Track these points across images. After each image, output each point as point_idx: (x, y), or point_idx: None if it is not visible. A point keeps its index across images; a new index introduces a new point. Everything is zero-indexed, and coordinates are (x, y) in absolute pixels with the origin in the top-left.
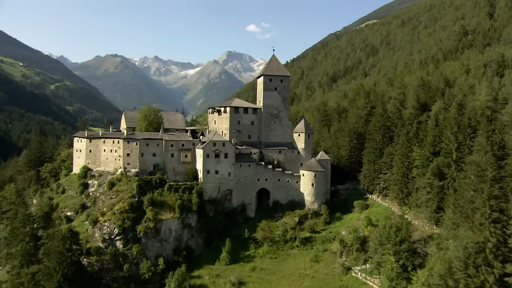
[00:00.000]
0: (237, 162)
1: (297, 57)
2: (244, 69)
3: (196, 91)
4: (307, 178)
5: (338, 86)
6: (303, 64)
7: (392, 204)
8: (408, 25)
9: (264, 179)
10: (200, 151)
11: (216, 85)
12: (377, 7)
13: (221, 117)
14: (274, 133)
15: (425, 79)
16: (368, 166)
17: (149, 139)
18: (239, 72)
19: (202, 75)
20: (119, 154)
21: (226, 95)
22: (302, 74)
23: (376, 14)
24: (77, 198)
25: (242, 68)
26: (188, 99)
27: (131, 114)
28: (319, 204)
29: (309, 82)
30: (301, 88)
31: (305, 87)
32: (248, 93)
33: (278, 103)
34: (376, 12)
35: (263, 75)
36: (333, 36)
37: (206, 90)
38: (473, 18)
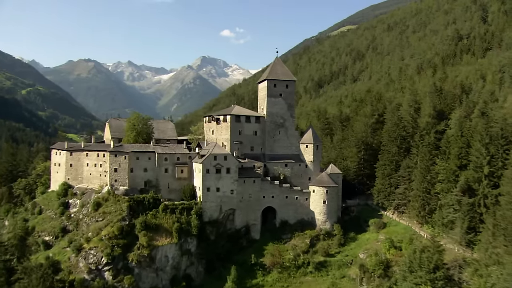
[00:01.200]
0: (240, 177)
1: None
2: (219, 74)
3: (170, 96)
4: (318, 195)
5: (325, 91)
6: None
7: (411, 222)
8: (395, 30)
9: (270, 197)
10: (199, 165)
11: (190, 90)
12: (352, 13)
13: (220, 126)
14: (279, 144)
15: (437, 85)
16: (383, 180)
17: (139, 152)
18: (214, 77)
19: (176, 80)
20: (105, 169)
21: (201, 101)
22: None
23: (351, 20)
24: (57, 220)
25: (217, 73)
26: (162, 105)
27: (117, 123)
28: (332, 224)
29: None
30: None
31: None
32: (229, 99)
33: (283, 110)
34: (352, 17)
35: (266, 80)
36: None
37: (180, 95)
38: (466, 22)
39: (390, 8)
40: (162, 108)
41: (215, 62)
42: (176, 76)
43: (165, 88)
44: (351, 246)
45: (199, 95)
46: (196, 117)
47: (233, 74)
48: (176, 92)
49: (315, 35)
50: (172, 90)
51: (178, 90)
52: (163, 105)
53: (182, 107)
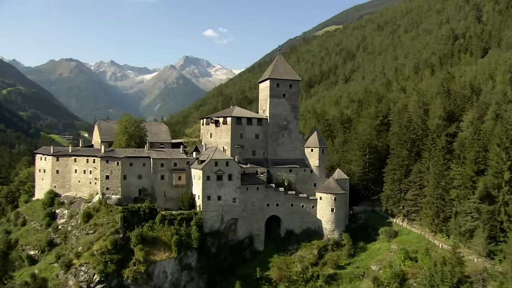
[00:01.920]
0: (243, 185)
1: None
2: (202, 74)
3: (153, 96)
4: (325, 202)
5: (317, 91)
6: None
7: (424, 230)
8: (386, 29)
9: (274, 205)
10: (199, 172)
11: (173, 90)
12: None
13: (220, 129)
14: (282, 148)
15: (445, 86)
16: (392, 186)
17: (133, 158)
18: (197, 77)
19: (159, 80)
20: (95, 177)
21: (184, 101)
22: None
23: (335, 20)
24: (43, 232)
25: (200, 73)
26: (144, 105)
27: (106, 125)
28: (340, 233)
29: None
30: None
31: None
32: (216, 99)
33: (287, 112)
34: (336, 17)
35: (269, 79)
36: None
37: (163, 95)
38: (460, 21)
39: (374, 8)
40: (145, 108)
41: (198, 62)
42: (159, 76)
43: (148, 88)
44: (361, 257)
45: (182, 95)
46: (183, 118)
47: (216, 74)
48: (159, 92)
49: (299, 35)
50: (155, 90)
51: (161, 90)
52: (146, 105)
53: (165, 107)
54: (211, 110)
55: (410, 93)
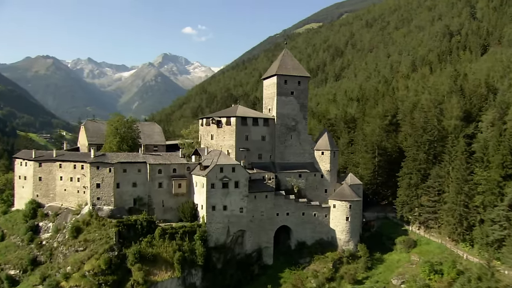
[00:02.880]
0: (250, 192)
1: (247, 59)
2: (180, 71)
3: (131, 94)
4: (339, 211)
5: (312, 89)
6: (259, 65)
7: (443, 239)
8: (375, 26)
9: (285, 214)
10: (202, 179)
11: (151, 88)
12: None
13: (222, 130)
14: (291, 150)
15: (458, 83)
16: (408, 191)
17: (127, 163)
18: (175, 75)
19: (137, 77)
20: (84, 185)
21: (162, 98)
22: (260, 76)
23: (315, 17)
24: (24, 249)
25: (178, 70)
26: (123, 102)
27: (94, 126)
28: (355, 243)
29: None
30: (261, 91)
31: None
32: (200, 97)
33: (295, 111)
34: (316, 15)
35: (276, 75)
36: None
37: (142, 93)
38: (453, 18)
39: (354, 6)
40: (123, 106)
41: (176, 60)
42: (137, 74)
43: (126, 85)
44: (379, 270)
45: (161, 93)
46: (166, 116)
47: (195, 71)
48: (137, 90)
49: (279, 33)
50: (133, 87)
51: (139, 88)
52: (124, 103)
53: (144, 105)
54: (195, 108)
55: (416, 92)
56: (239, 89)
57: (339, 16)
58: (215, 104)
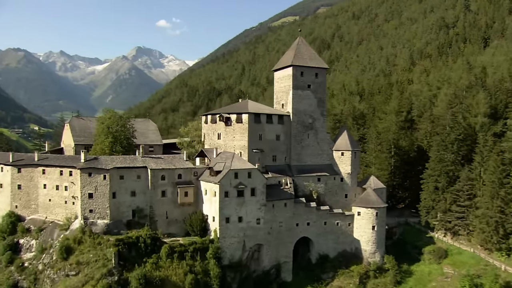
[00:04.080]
0: (268, 201)
1: (227, 51)
2: (154, 65)
3: (105, 87)
4: (365, 219)
5: None
6: (241, 58)
7: (475, 247)
8: (363, 18)
9: (305, 224)
10: (214, 186)
11: (125, 81)
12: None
13: (232, 129)
14: (308, 151)
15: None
16: (434, 195)
17: (125, 169)
18: (149, 68)
19: (110, 71)
20: (73, 194)
21: (137, 92)
22: (243, 69)
23: (291, 11)
24: (2, 272)
25: (152, 64)
26: (96, 96)
27: (81, 124)
28: (382, 255)
29: (253, 78)
30: (245, 84)
31: (250, 83)
32: (180, 90)
33: (312, 107)
34: (292, 8)
35: (292, 66)
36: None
37: (115, 86)
38: (447, 10)
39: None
40: (96, 100)
41: (150, 53)
42: (110, 67)
43: (100, 79)
44: (409, 284)
45: (135, 86)
46: (145, 110)
47: (169, 65)
48: (111, 83)
49: (255, 26)
50: (106, 81)
51: (113, 81)
52: (97, 97)
53: (118, 99)
54: (175, 102)
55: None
56: (221, 83)
57: (315, 9)
58: (197, 97)
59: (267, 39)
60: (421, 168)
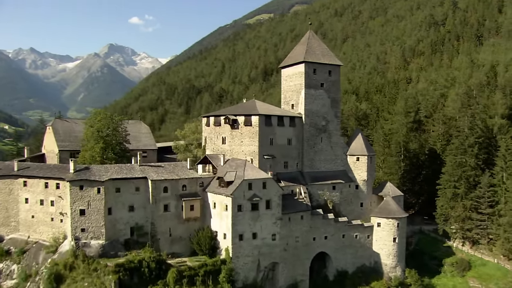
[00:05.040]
0: (284, 213)
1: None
2: (127, 62)
3: (76, 85)
4: (385, 230)
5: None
6: (220, 55)
7: (497, 258)
8: (346, 15)
9: (322, 237)
10: (225, 199)
11: (97, 79)
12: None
13: (239, 132)
14: (321, 156)
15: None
16: (453, 202)
17: (121, 180)
18: (121, 65)
19: (82, 68)
20: (61, 211)
21: (109, 89)
22: (223, 67)
23: (266, 8)
24: None
25: (124, 61)
26: (67, 94)
27: (65, 126)
28: (403, 269)
29: (234, 76)
30: (226, 82)
31: (231, 81)
32: (158, 88)
33: (326, 108)
34: (266, 6)
35: (304, 62)
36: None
37: (87, 84)
38: (435, 8)
39: None
40: (68, 98)
41: (123, 50)
42: (82, 64)
43: (71, 76)
44: None
45: (107, 84)
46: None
47: (141, 62)
48: (82, 81)
49: (229, 23)
50: (78, 78)
51: (84, 79)
52: (69, 94)
53: (90, 97)
54: (154, 100)
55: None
56: (201, 80)
57: (290, 7)
58: (176, 96)
59: (246, 36)
60: (432, 172)
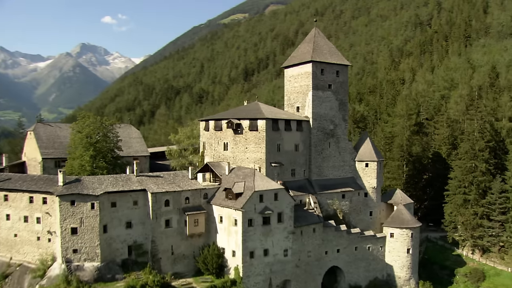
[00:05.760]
0: (296, 227)
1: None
2: (99, 62)
3: (48, 85)
4: (399, 241)
5: (260, 80)
6: (198, 55)
7: (510, 266)
8: (327, 15)
9: (335, 251)
10: (234, 213)
11: (70, 79)
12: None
13: (244, 137)
14: (329, 163)
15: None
16: (463, 209)
17: (117, 194)
18: (94, 65)
19: (54, 68)
20: (49, 229)
21: (82, 90)
22: (202, 67)
23: (241, 8)
24: None
25: (97, 61)
26: (39, 94)
27: (48, 132)
28: (416, 281)
29: (214, 76)
30: (206, 83)
31: (211, 81)
32: (135, 88)
33: (333, 111)
34: (241, 6)
35: (312, 62)
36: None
37: (59, 84)
38: (419, 8)
39: None
40: (39, 98)
41: (95, 50)
42: (54, 64)
43: (42, 76)
44: None
45: (80, 84)
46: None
47: (114, 62)
48: (54, 81)
49: (204, 23)
50: (49, 78)
51: (56, 79)
52: (40, 95)
53: (62, 97)
54: (130, 101)
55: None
56: (179, 80)
57: (265, 7)
58: (154, 96)
59: (225, 36)
60: (436, 177)
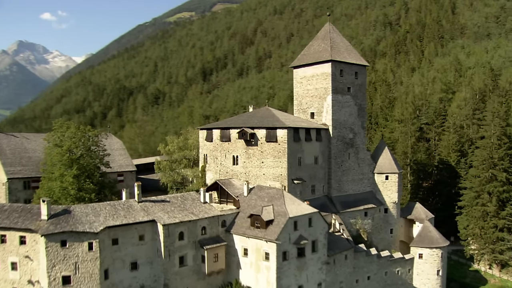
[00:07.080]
0: (330, 255)
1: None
2: (38, 61)
3: None
4: (428, 262)
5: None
6: (150, 54)
7: None
8: (287, 13)
9: (365, 278)
10: (264, 245)
11: (6, 78)
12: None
13: (259, 150)
14: (348, 177)
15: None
16: (481, 222)
17: (119, 228)
18: (32, 64)
19: None
20: (29, 278)
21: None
22: (155, 66)
23: (187, 6)
24: None
25: (36, 59)
26: None
27: (13, 144)
28: None
29: (169, 75)
30: (161, 83)
31: (166, 81)
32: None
33: (353, 118)
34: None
35: (331, 61)
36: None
37: None
38: (385, 7)
39: None
40: None
41: (33, 48)
42: None
43: None
44: None
45: (17, 84)
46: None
47: (54, 61)
48: None
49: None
50: None
51: None
52: None
53: None
54: (80, 102)
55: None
56: (132, 80)
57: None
58: (106, 97)
59: (177, 34)
60: (444, 185)
